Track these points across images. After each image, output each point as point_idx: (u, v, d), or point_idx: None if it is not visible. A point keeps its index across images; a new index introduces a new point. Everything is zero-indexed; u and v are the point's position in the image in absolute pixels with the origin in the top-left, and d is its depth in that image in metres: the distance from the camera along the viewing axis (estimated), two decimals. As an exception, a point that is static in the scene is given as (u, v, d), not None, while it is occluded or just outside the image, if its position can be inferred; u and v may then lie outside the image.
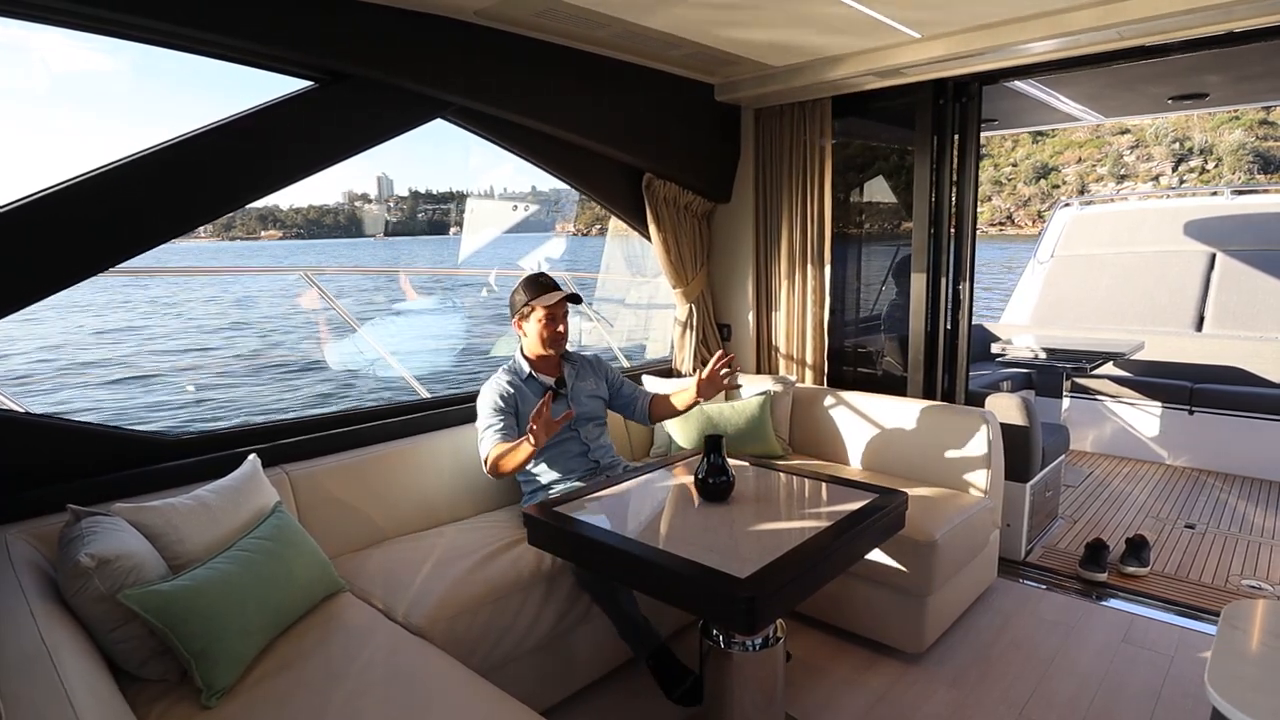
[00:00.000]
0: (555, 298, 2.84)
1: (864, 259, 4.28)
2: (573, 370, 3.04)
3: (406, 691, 1.81)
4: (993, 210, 64.58)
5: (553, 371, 2.99)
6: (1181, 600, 3.30)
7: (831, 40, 3.21)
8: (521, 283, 2.91)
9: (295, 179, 2.65)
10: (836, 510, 2.31)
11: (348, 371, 15.12)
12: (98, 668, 1.66)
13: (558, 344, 2.91)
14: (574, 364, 3.07)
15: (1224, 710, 1.54)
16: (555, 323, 2.87)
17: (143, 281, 33.56)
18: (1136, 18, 2.67)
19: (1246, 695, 1.55)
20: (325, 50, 2.56)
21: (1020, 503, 3.67)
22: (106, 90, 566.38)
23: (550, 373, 2.98)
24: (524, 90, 3.14)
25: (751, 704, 2.22)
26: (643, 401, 3.12)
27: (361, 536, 2.79)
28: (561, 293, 2.87)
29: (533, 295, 2.86)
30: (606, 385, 3.13)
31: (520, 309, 2.90)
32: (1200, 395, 5.22)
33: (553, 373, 2.99)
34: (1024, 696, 2.66)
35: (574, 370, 3.05)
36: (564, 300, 2.87)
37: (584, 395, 3.01)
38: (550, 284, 2.89)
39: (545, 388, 2.92)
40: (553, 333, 2.87)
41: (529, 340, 2.92)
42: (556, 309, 2.86)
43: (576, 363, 3.09)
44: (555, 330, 2.88)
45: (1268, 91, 4.58)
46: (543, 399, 2.44)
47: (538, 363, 2.95)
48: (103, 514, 1.98)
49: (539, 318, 2.86)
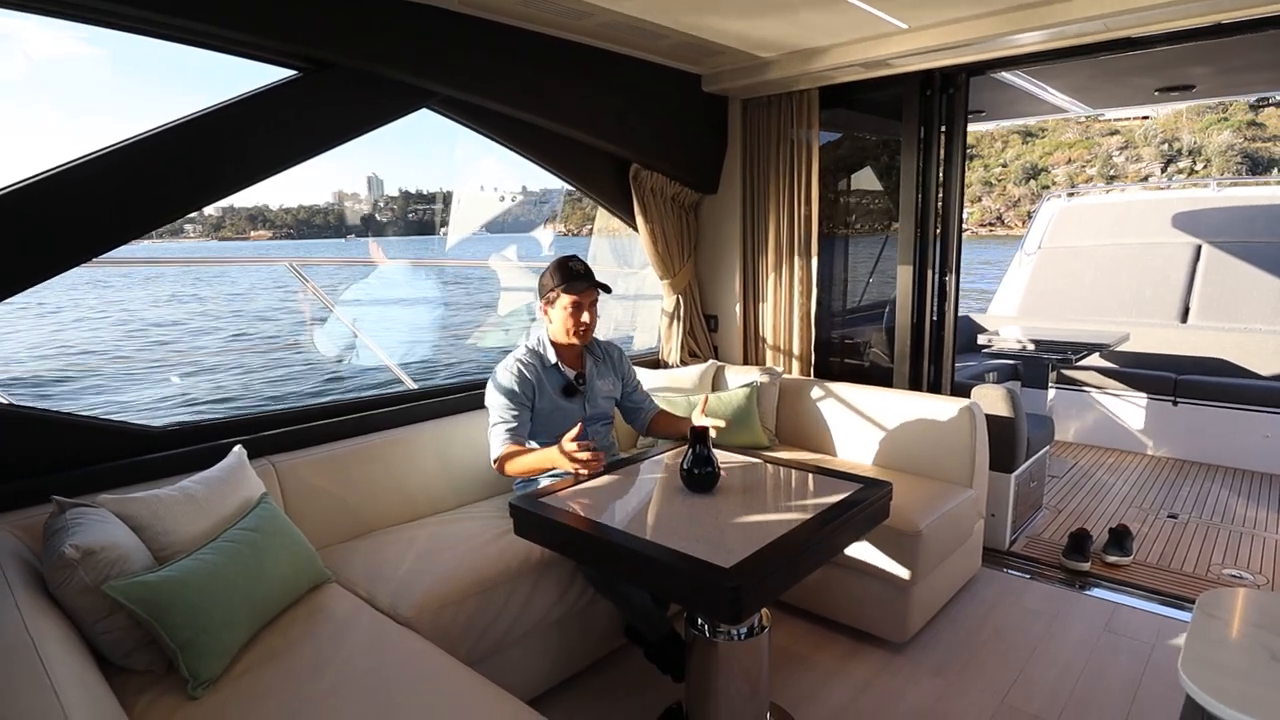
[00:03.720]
0: (582, 286, 2.76)
1: (850, 251, 4.30)
2: (594, 364, 2.98)
3: (393, 682, 1.82)
4: (983, 211, 64.68)
5: (575, 363, 2.93)
6: (1163, 589, 3.33)
7: (819, 31, 3.21)
8: (551, 265, 2.81)
9: (279, 169, 2.64)
10: (821, 501, 2.31)
11: (338, 360, 15.10)
12: (83, 659, 1.66)
13: (582, 335, 2.83)
14: (596, 357, 3.01)
15: (1196, 696, 1.56)
16: (580, 312, 2.79)
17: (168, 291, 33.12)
18: (1123, 9, 2.69)
19: (1219, 681, 1.57)
20: (309, 39, 2.54)
21: (1005, 493, 3.70)
22: (85, 78, 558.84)
23: (573, 364, 2.92)
24: (510, 80, 3.13)
25: (736, 693, 2.24)
26: (647, 414, 3.07)
27: (347, 527, 2.79)
28: (589, 282, 2.79)
29: (560, 281, 2.76)
30: (621, 384, 3.08)
31: (547, 293, 2.81)
32: (1184, 386, 5.27)
33: (575, 364, 2.93)
34: (1006, 685, 2.69)
35: (595, 365, 2.98)
36: (591, 290, 2.80)
37: (600, 396, 2.97)
38: (580, 272, 2.78)
39: (566, 380, 2.87)
40: (577, 322, 2.79)
41: (554, 326, 2.84)
42: (583, 298, 2.79)
43: (599, 355, 3.02)
44: (580, 320, 2.79)
45: (1253, 83, 4.61)
46: (575, 428, 2.44)
47: (562, 350, 2.89)
48: (88, 505, 1.98)
49: (565, 305, 2.77)
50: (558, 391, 2.86)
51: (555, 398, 2.85)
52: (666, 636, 2.59)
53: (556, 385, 2.86)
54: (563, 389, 2.87)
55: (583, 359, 2.96)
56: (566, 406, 2.87)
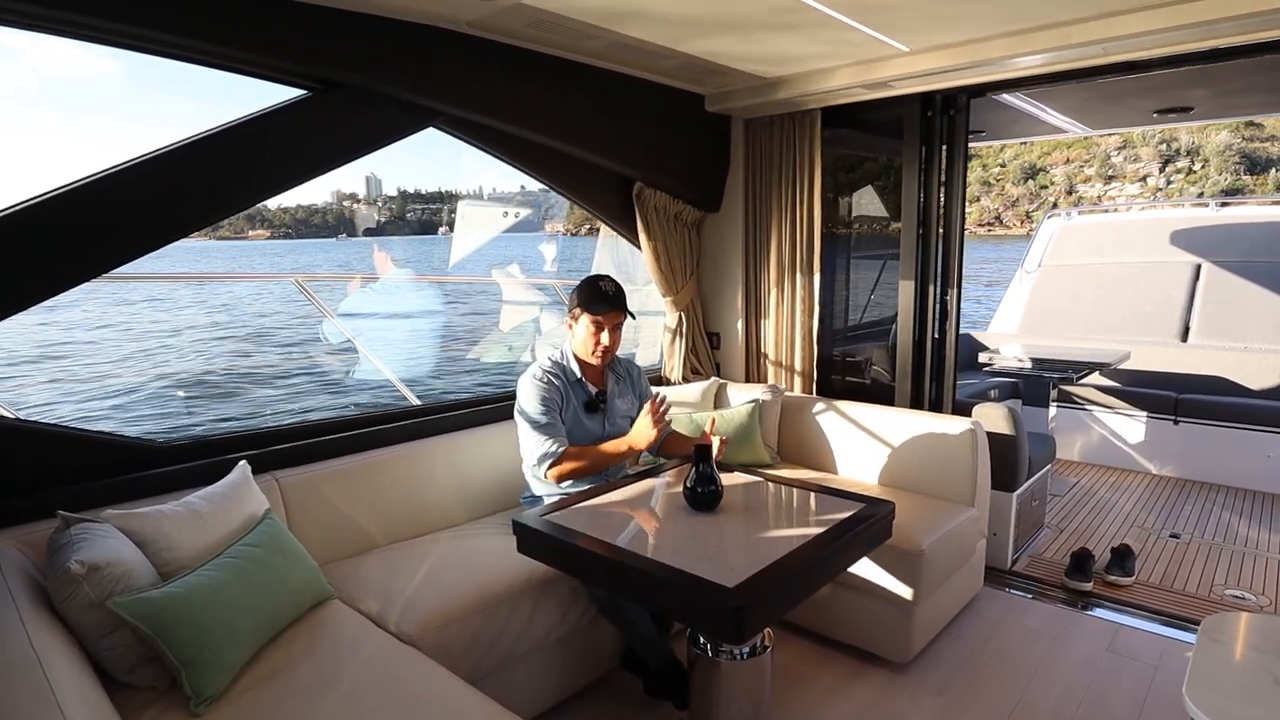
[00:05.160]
0: (604, 309, 2.80)
1: (852, 269, 4.32)
2: (615, 383, 3.01)
3: (395, 700, 1.82)
4: (981, 210, 65.07)
5: (597, 380, 2.97)
6: (1166, 610, 3.33)
7: (821, 53, 3.25)
8: (583, 282, 2.86)
9: (287, 187, 2.67)
10: (824, 519, 2.32)
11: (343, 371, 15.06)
12: (87, 676, 1.66)
13: (601, 356, 2.87)
14: (618, 375, 3.04)
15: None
16: (600, 332, 2.82)
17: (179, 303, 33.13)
18: (1122, 34, 2.71)
19: (1223, 705, 1.58)
20: (318, 59, 2.58)
21: (1006, 512, 3.69)
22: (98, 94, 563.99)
23: (595, 380, 2.96)
24: (515, 100, 3.16)
25: (739, 712, 2.24)
26: (662, 435, 3.09)
27: (351, 544, 2.79)
28: (612, 306, 2.81)
29: (583, 301, 2.81)
30: (638, 403, 3.08)
31: (573, 309, 2.87)
32: (1185, 405, 5.27)
33: (597, 381, 2.97)
34: (1009, 707, 2.68)
35: (616, 383, 3.01)
36: (615, 313, 2.83)
37: (618, 415, 2.99)
38: (609, 293, 2.81)
39: (589, 396, 2.91)
40: (597, 343, 2.83)
41: (576, 341, 2.89)
42: (606, 320, 2.82)
43: (620, 374, 3.05)
44: (599, 342, 2.83)
45: (1249, 105, 4.65)
46: (652, 402, 2.65)
47: (584, 366, 2.93)
48: (92, 520, 1.99)
49: (586, 324, 2.82)
50: (581, 406, 2.89)
51: (578, 411, 2.89)
52: (668, 664, 2.59)
53: (580, 400, 2.90)
54: (585, 404, 2.90)
55: (604, 377, 3.00)
56: (587, 423, 2.90)
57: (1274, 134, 54.96)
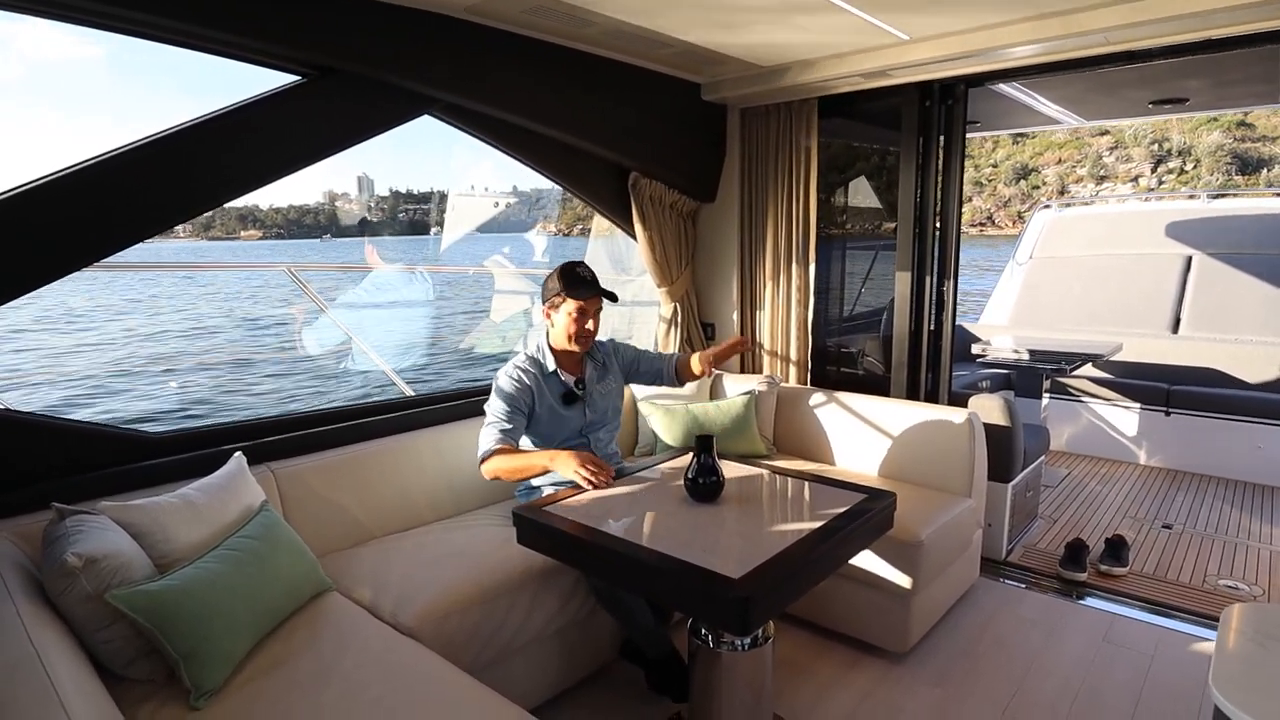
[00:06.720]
0: (588, 293, 2.76)
1: (848, 259, 4.31)
2: (594, 369, 2.97)
3: (396, 691, 1.80)
4: (973, 211, 65.16)
5: (575, 369, 2.92)
6: (1160, 600, 3.35)
7: (819, 41, 3.23)
8: (557, 270, 2.80)
9: (281, 174, 2.63)
10: (826, 511, 2.31)
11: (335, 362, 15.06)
12: (85, 669, 1.64)
13: (583, 341, 2.82)
14: (596, 362, 2.99)
15: (1229, 713, 1.55)
16: (584, 319, 2.79)
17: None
18: (1121, 23, 2.71)
19: (1250, 698, 1.57)
20: (313, 45, 2.54)
21: (1001, 503, 3.70)
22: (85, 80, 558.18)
23: (573, 370, 2.91)
24: (512, 88, 3.13)
25: (740, 703, 2.23)
26: (670, 366, 3.06)
27: (348, 535, 2.77)
28: (595, 289, 2.79)
29: (565, 286, 2.76)
30: (623, 371, 3.06)
31: (551, 297, 2.80)
32: (1177, 396, 5.30)
33: (575, 370, 2.92)
34: (1007, 695, 2.69)
35: (595, 370, 2.97)
36: (597, 297, 2.80)
37: (599, 398, 2.95)
38: (587, 278, 2.78)
39: (565, 388, 2.86)
40: (580, 329, 2.79)
41: (555, 331, 2.83)
42: (588, 305, 2.79)
43: (598, 360, 3.00)
44: (583, 327, 2.79)
45: (1245, 97, 4.67)
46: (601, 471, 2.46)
47: (561, 357, 2.88)
48: (88, 512, 1.96)
49: (569, 311, 2.77)
50: (557, 399, 2.85)
51: (554, 405, 2.84)
52: (667, 655, 2.58)
53: (556, 393, 2.86)
54: (562, 396, 2.86)
55: (582, 365, 2.95)
56: (566, 414, 2.86)
57: (1265, 134, 55.26)
